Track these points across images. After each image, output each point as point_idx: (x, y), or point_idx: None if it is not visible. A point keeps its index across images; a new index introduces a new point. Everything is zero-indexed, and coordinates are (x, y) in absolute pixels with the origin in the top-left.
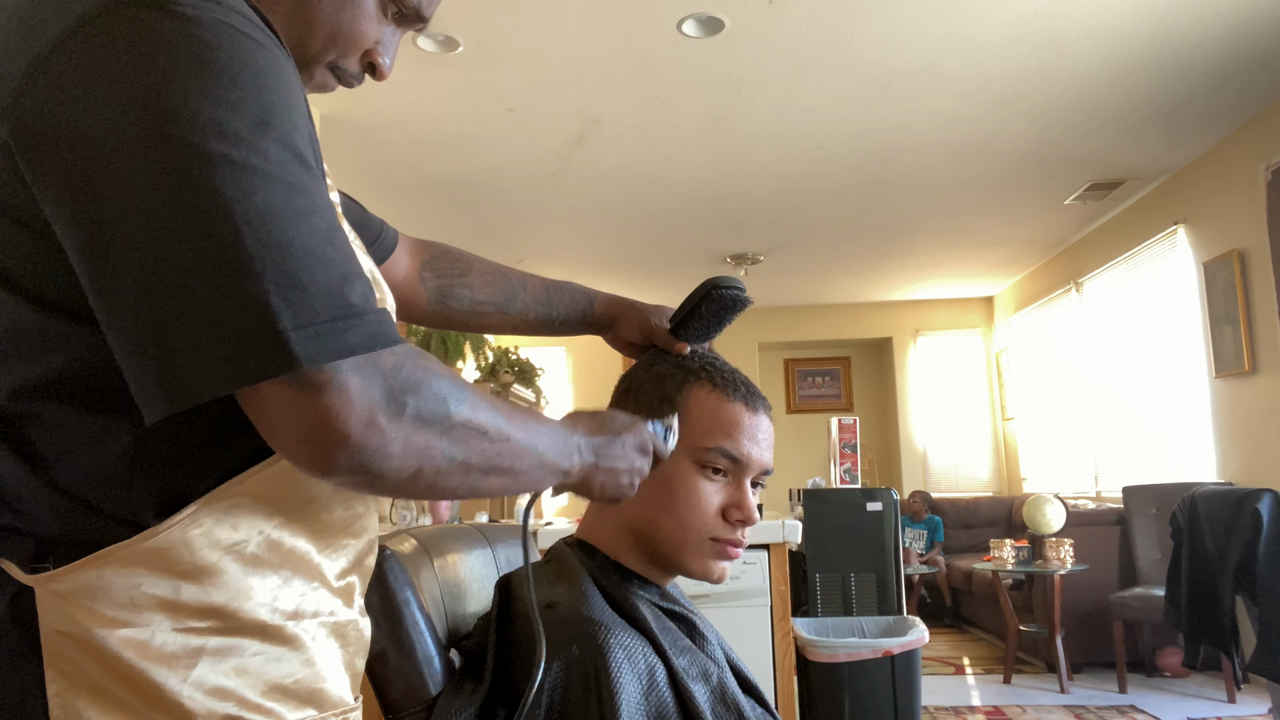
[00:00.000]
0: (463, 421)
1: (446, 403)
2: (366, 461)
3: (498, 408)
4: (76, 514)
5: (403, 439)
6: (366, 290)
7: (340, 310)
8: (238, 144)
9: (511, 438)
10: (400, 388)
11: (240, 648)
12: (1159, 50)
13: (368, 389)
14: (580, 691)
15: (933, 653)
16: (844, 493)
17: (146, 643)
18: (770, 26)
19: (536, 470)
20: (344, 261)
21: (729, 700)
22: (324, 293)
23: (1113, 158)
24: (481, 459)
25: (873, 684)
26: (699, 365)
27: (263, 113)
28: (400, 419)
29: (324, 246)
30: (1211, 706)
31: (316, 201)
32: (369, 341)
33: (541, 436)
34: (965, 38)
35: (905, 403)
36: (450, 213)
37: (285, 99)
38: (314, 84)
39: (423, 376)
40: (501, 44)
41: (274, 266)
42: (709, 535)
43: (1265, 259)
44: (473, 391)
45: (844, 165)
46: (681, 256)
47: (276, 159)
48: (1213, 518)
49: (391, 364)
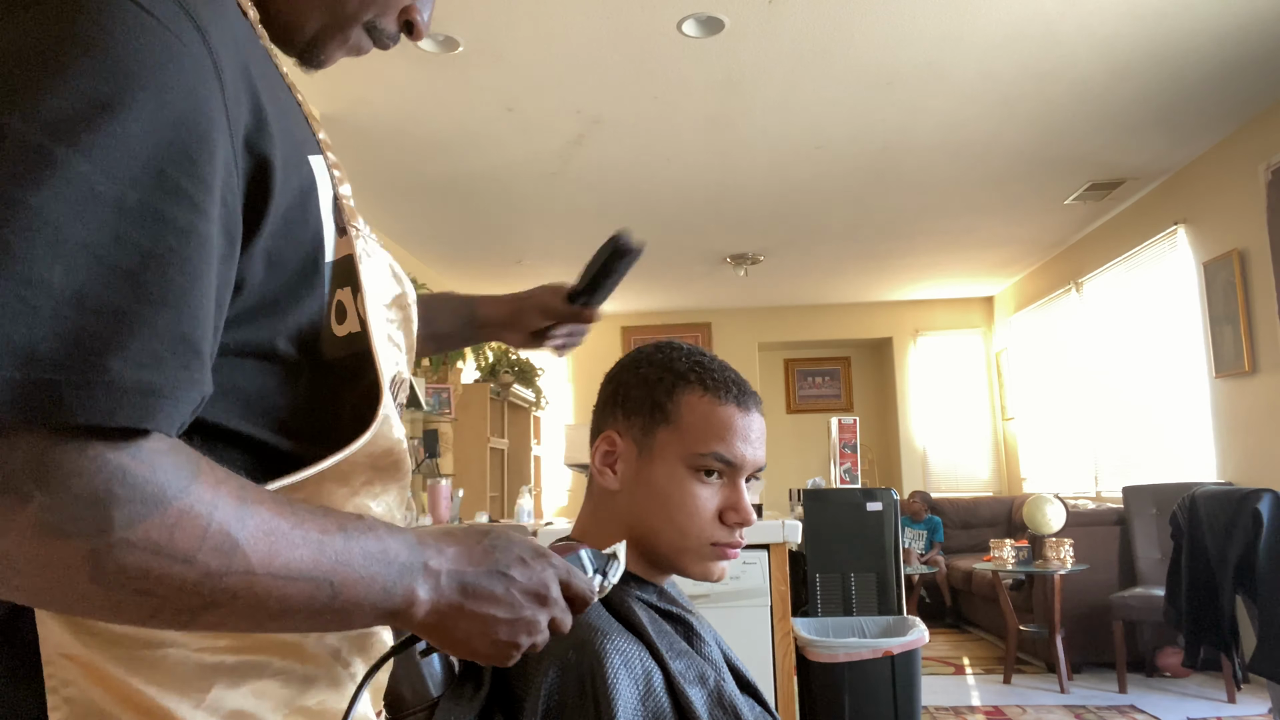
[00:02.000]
0: (137, 540)
1: (107, 507)
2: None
3: (245, 518)
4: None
5: (3, 547)
6: (158, 346)
7: (77, 364)
8: (59, 134)
9: (253, 567)
10: (31, 472)
11: (260, 666)
12: (1159, 50)
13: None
14: (576, 697)
15: (933, 653)
16: (844, 493)
17: (159, 663)
18: (770, 26)
19: (323, 611)
20: (130, 308)
21: (726, 703)
22: (64, 338)
23: (1113, 158)
24: (168, 592)
25: (873, 684)
26: (687, 367)
27: (120, 110)
28: (7, 520)
29: (108, 284)
30: (1211, 706)
31: (148, 229)
32: (95, 409)
33: (347, 560)
34: (965, 38)
35: (905, 403)
36: (450, 213)
37: (171, 103)
38: (349, 46)
39: (84, 465)
40: (501, 44)
41: (9, 287)
42: (708, 540)
43: (1265, 259)
44: (203, 487)
45: (844, 165)
46: (681, 256)
47: (110, 168)
48: (1213, 518)
49: (35, 442)
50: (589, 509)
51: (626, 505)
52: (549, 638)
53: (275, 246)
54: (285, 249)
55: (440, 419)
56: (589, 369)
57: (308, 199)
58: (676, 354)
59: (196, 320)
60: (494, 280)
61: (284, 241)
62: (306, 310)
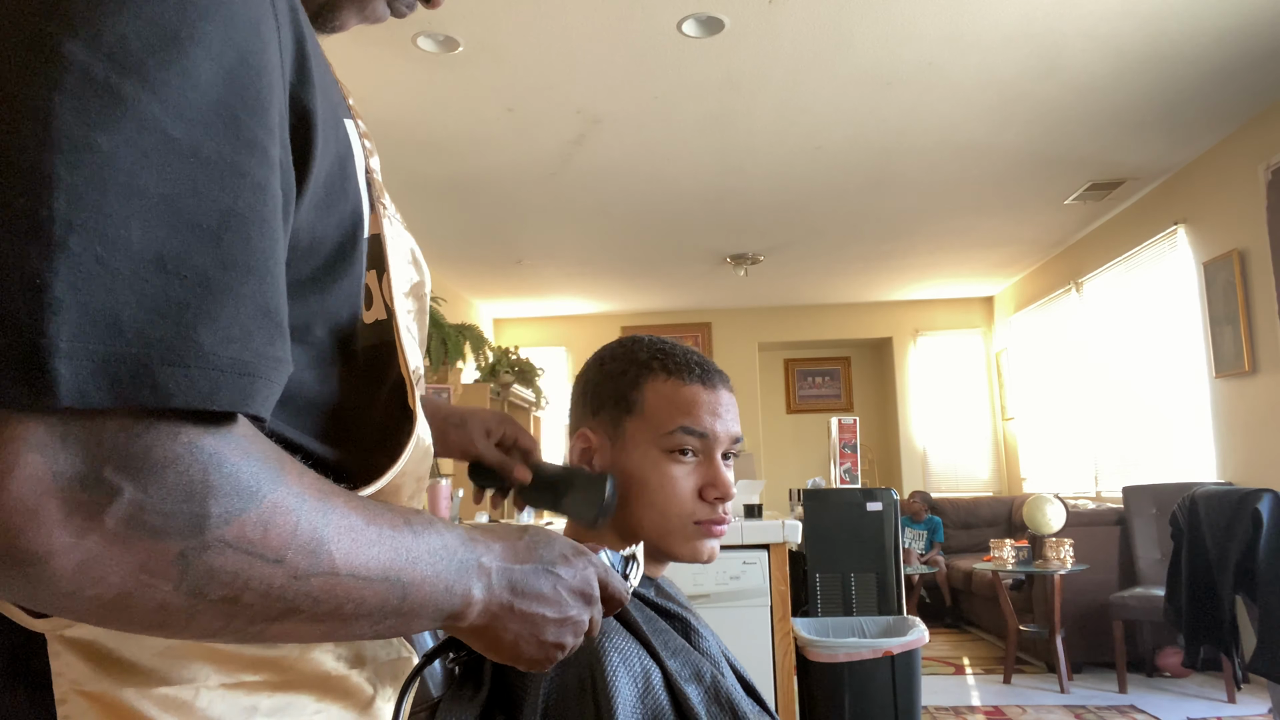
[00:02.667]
0: (230, 540)
1: (205, 503)
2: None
3: (328, 516)
4: None
5: (86, 550)
6: (252, 320)
7: (165, 339)
8: (126, 68)
9: (337, 567)
10: (125, 464)
11: (296, 707)
12: (1159, 50)
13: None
14: (576, 696)
15: (933, 653)
16: (844, 493)
17: (189, 704)
18: (770, 26)
19: (391, 614)
20: (216, 274)
21: (723, 699)
22: (150, 306)
23: (1113, 158)
24: (255, 597)
25: (873, 684)
26: (649, 356)
27: (189, 45)
28: (96, 515)
29: (190, 245)
30: (1211, 706)
31: (225, 183)
32: (202, 396)
33: (416, 557)
34: (965, 38)
35: (905, 403)
36: (450, 213)
37: (237, 39)
38: (367, 14)
39: (186, 456)
40: (501, 44)
41: (84, 244)
42: (691, 519)
43: (1265, 259)
44: (289, 486)
45: (844, 165)
46: (681, 256)
47: (181, 109)
48: (1213, 518)
49: (126, 429)
50: None
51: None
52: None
53: (316, 218)
54: (326, 220)
55: None
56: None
57: (345, 166)
58: (638, 345)
59: (278, 289)
60: (494, 280)
61: (325, 212)
62: (345, 291)
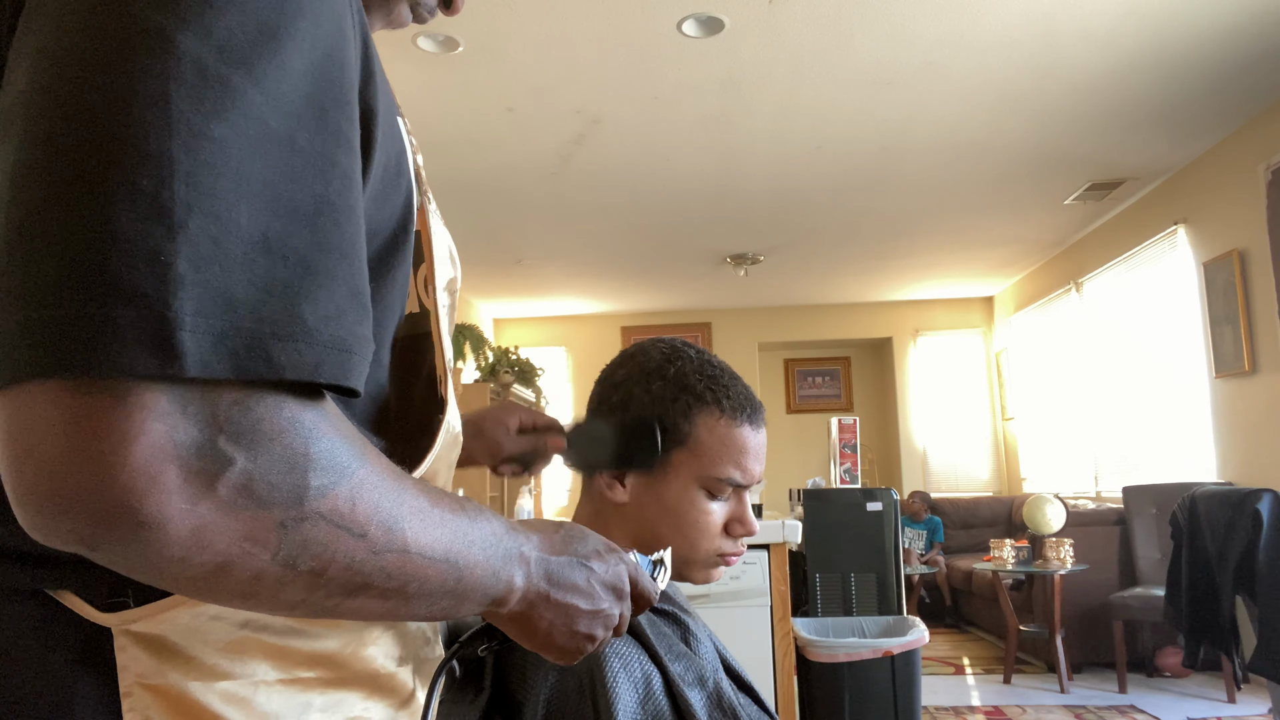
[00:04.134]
0: (324, 511)
1: (305, 475)
2: (130, 533)
3: (403, 499)
4: None
5: (200, 515)
6: (347, 299)
7: (273, 316)
8: (234, 61)
9: (408, 545)
10: (238, 433)
11: (347, 703)
12: (1159, 50)
13: (172, 418)
14: (576, 700)
15: (933, 653)
16: (844, 493)
17: (249, 699)
18: (770, 26)
19: (446, 595)
20: (314, 257)
21: (725, 705)
22: (257, 283)
23: (1113, 158)
24: (339, 569)
25: (873, 684)
26: (703, 386)
27: (285, 40)
28: (213, 482)
29: (290, 229)
30: (1211, 706)
31: (319, 171)
32: (308, 368)
33: (471, 541)
34: (965, 38)
35: (905, 403)
36: (450, 213)
37: (324, 34)
38: (392, 18)
39: (289, 429)
40: (501, 44)
41: (202, 226)
42: (716, 553)
43: (1265, 259)
44: (371, 467)
45: (844, 165)
46: (681, 256)
47: (280, 101)
48: (1213, 518)
49: (240, 401)
50: (588, 513)
51: (634, 516)
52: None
53: (374, 210)
54: (382, 212)
55: None
56: (589, 369)
57: (401, 161)
58: (688, 366)
59: (364, 272)
60: (494, 280)
61: (381, 204)
62: (396, 282)
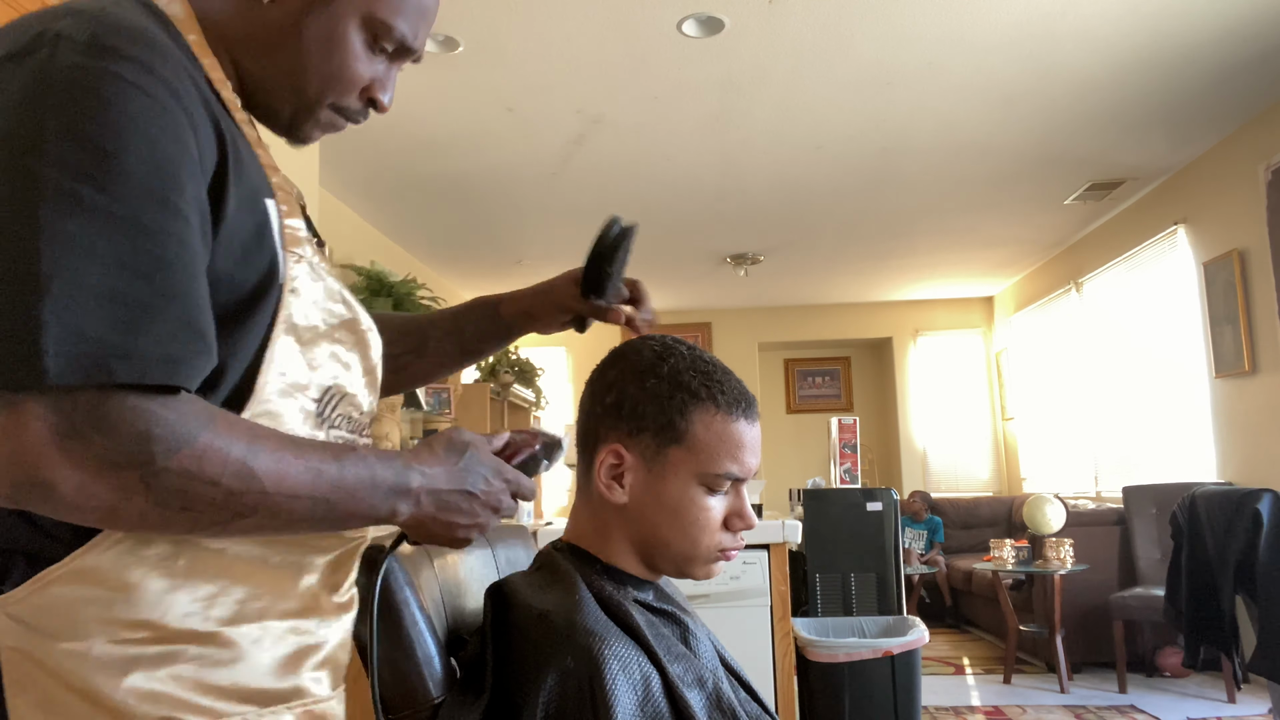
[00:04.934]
0: (174, 469)
1: (148, 445)
2: (39, 496)
3: (258, 451)
4: (16, 528)
5: (79, 480)
6: (175, 330)
7: (113, 344)
8: (77, 176)
9: (266, 486)
10: (92, 422)
11: (177, 654)
12: (1159, 50)
13: (46, 418)
14: (575, 703)
15: (933, 653)
16: (844, 493)
17: (85, 654)
18: (770, 26)
19: (323, 522)
20: (151, 297)
21: (725, 706)
22: (101, 326)
23: (1113, 158)
24: (209, 508)
25: (873, 684)
26: (698, 383)
27: (114, 148)
28: (80, 457)
29: (128, 283)
30: (1211, 706)
31: (156, 241)
32: (134, 375)
33: (338, 482)
34: (965, 38)
35: (905, 403)
36: (450, 213)
37: (155, 145)
38: (322, 124)
39: (128, 416)
40: (501, 44)
41: (59, 288)
42: (717, 548)
43: (1265, 259)
44: (216, 431)
45: (844, 165)
46: (681, 256)
47: (120, 197)
48: (1213, 518)
49: (92, 401)
50: (586, 514)
51: (635, 515)
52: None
53: (235, 268)
54: (245, 271)
55: (440, 419)
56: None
57: (263, 232)
58: (681, 364)
59: (199, 309)
60: (494, 280)
61: (243, 265)
62: (263, 314)
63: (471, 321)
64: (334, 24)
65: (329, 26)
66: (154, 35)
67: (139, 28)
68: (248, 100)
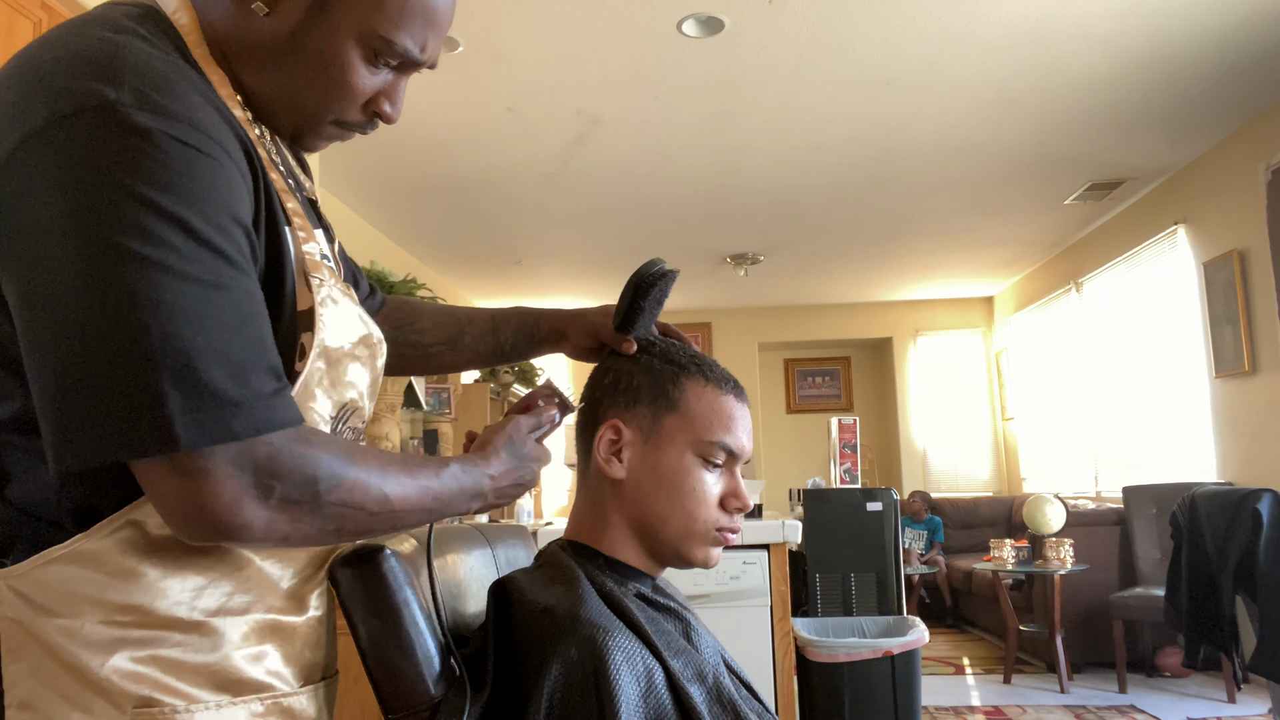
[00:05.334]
0: (335, 501)
1: (315, 486)
2: (234, 536)
3: (385, 478)
4: (20, 520)
5: (267, 519)
6: (263, 377)
7: (228, 400)
8: (157, 245)
9: (395, 506)
10: (269, 474)
11: (161, 639)
12: (1159, 50)
13: (237, 476)
14: (579, 694)
15: (933, 653)
16: (844, 493)
17: (76, 631)
18: (770, 26)
19: (425, 521)
20: (245, 351)
21: (725, 700)
22: (216, 384)
23: (1113, 158)
24: (355, 525)
25: (873, 684)
26: (687, 359)
27: (186, 216)
28: (266, 502)
29: (226, 340)
30: (1211, 706)
31: (231, 295)
32: (252, 428)
33: (439, 493)
34: (965, 38)
35: (905, 403)
36: (450, 213)
37: (216, 202)
38: (326, 136)
39: (294, 463)
40: (501, 44)
41: (173, 358)
42: (714, 525)
43: (1265, 259)
44: (357, 466)
45: (844, 165)
46: (681, 256)
47: (195, 258)
48: (1213, 518)
49: (265, 453)
50: (586, 505)
51: (632, 493)
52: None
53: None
54: (270, 305)
55: (440, 419)
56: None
57: (284, 264)
58: (670, 347)
59: (275, 352)
60: (494, 280)
61: (269, 299)
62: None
63: (510, 329)
64: (331, 39)
65: (326, 42)
66: (187, 81)
67: (174, 76)
68: (251, 109)
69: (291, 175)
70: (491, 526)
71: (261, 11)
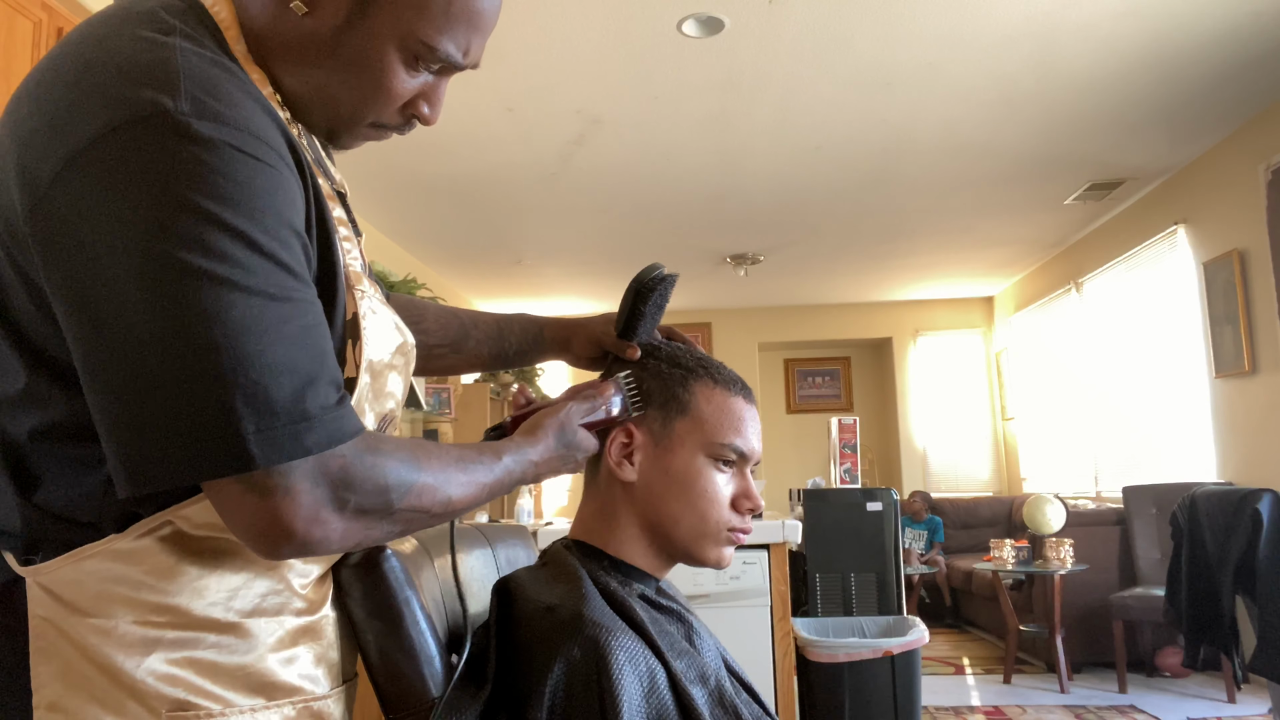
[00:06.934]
0: (405, 508)
1: (387, 495)
2: (311, 549)
3: (448, 481)
4: (48, 522)
5: (343, 529)
6: (328, 389)
7: (299, 415)
8: (222, 260)
9: (456, 506)
10: (344, 486)
11: (196, 640)
12: (1159, 50)
13: (314, 491)
14: (582, 693)
15: (933, 653)
16: (844, 493)
17: (110, 631)
18: (770, 26)
19: (482, 501)
20: (311, 364)
21: (727, 702)
22: (286, 400)
23: (1113, 158)
24: (419, 526)
25: (873, 684)
26: (695, 363)
27: (250, 229)
28: (343, 513)
29: (293, 354)
30: (1211, 706)
31: (295, 308)
32: (324, 442)
33: (494, 487)
34: (965, 38)
35: (905, 403)
36: (450, 213)
37: (277, 213)
38: (361, 137)
39: (366, 473)
40: (501, 44)
41: (243, 375)
42: (726, 526)
43: (1265, 259)
44: (423, 471)
45: (844, 165)
46: (681, 256)
47: (259, 272)
48: (1213, 518)
49: (338, 465)
50: (594, 506)
51: (644, 495)
52: None
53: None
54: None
55: (441, 419)
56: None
57: (335, 271)
58: (677, 351)
59: (335, 362)
60: (494, 280)
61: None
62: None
63: (515, 334)
64: (372, 42)
65: (366, 45)
66: (238, 85)
67: (227, 80)
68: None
69: (325, 171)
70: (492, 526)
71: (300, 11)
